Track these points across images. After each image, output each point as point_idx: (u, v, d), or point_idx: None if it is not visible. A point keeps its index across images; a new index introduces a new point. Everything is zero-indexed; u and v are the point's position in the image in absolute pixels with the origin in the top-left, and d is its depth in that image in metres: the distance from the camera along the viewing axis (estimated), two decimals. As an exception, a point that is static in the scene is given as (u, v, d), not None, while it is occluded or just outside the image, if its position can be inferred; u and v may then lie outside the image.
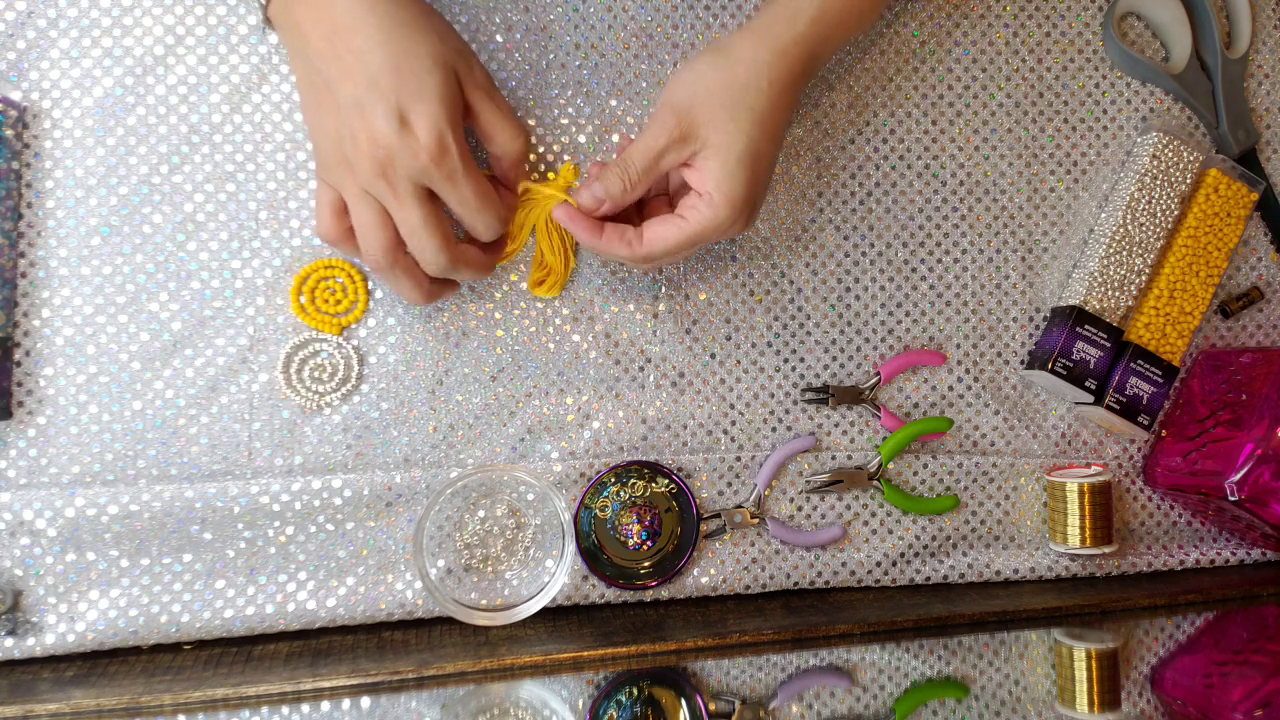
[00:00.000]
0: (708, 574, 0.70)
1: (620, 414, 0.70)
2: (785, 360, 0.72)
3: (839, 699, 0.61)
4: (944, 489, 0.73)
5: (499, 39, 0.69)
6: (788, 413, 0.72)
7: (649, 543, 0.69)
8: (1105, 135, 0.76)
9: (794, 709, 0.61)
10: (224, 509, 0.65)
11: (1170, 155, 0.73)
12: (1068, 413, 0.75)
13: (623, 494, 0.69)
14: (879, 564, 0.72)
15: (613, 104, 0.71)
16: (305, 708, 0.60)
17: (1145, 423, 0.72)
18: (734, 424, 0.71)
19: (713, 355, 0.71)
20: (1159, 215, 0.73)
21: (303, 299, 0.67)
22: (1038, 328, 0.75)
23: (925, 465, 0.73)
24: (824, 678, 0.64)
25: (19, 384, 0.64)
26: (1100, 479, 0.71)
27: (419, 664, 0.62)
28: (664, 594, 0.70)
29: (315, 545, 0.66)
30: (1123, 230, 0.73)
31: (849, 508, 0.72)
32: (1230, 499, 0.68)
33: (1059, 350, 0.71)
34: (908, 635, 0.68)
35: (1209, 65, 0.77)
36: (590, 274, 0.70)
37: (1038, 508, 0.75)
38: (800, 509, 0.72)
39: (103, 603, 0.64)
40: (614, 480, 0.69)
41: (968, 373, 0.74)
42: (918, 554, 0.73)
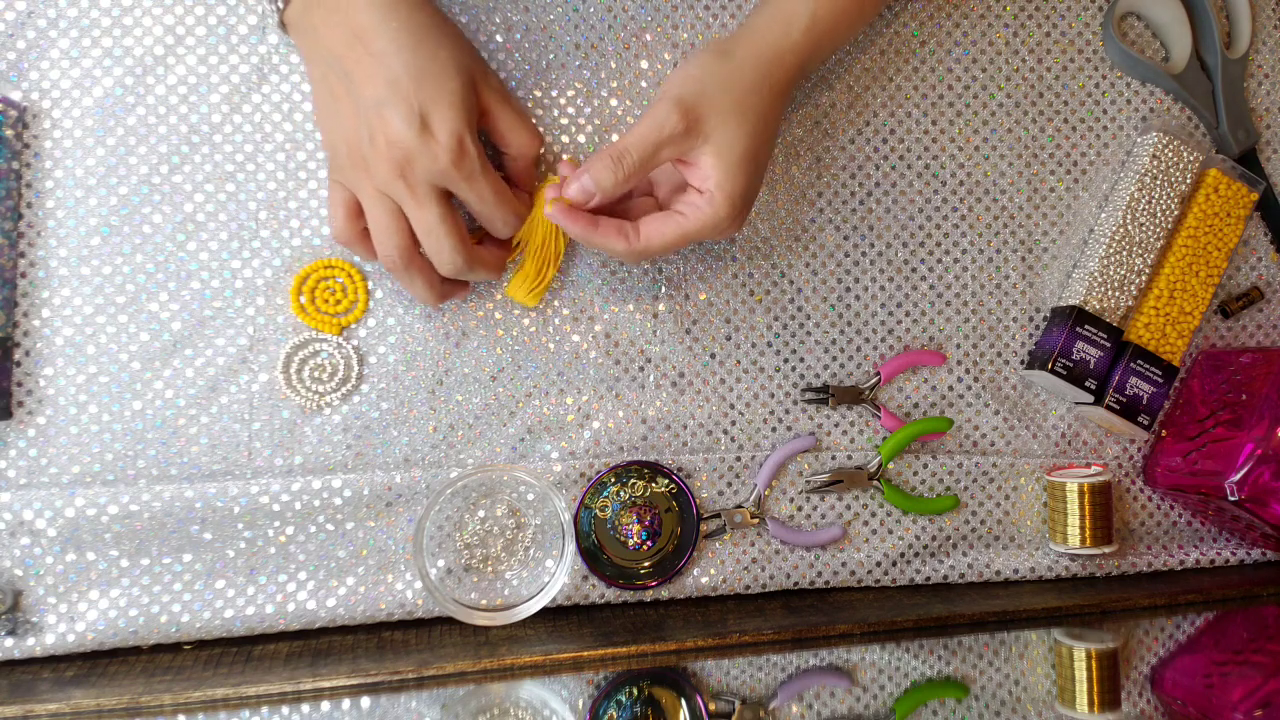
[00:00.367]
0: (708, 574, 0.70)
1: (620, 414, 0.70)
2: (785, 360, 0.72)
3: (839, 699, 0.61)
4: (944, 489, 0.73)
5: (499, 39, 0.69)
6: (788, 413, 0.72)
7: (649, 543, 0.69)
8: (1105, 135, 0.76)
9: (794, 709, 0.60)
10: (224, 509, 0.65)
11: (1170, 155, 0.73)
12: (1068, 413, 0.75)
13: (623, 494, 0.69)
14: (879, 564, 0.72)
15: (613, 104, 0.71)
16: (305, 708, 0.60)
17: (1145, 423, 0.72)
18: (734, 424, 0.71)
19: (713, 355, 0.71)
20: (1159, 215, 0.73)
21: (303, 299, 0.67)
22: (1038, 328, 0.75)
23: (925, 465, 0.73)
24: (824, 678, 0.64)
25: (19, 384, 0.64)
26: (1100, 479, 0.71)
27: (419, 664, 0.62)
28: (664, 594, 0.70)
29: (315, 545, 0.66)
30: (1123, 230, 0.73)
31: (849, 508, 0.72)
32: (1230, 499, 0.67)
33: (1059, 350, 0.71)
34: (908, 635, 0.68)
35: (1209, 65, 0.77)
36: (590, 274, 0.70)
37: (1038, 508, 0.75)
38: (800, 509, 0.72)
39: (103, 603, 0.64)
40: (614, 480, 0.69)
41: (968, 373, 0.74)
42: (918, 554, 0.73)
